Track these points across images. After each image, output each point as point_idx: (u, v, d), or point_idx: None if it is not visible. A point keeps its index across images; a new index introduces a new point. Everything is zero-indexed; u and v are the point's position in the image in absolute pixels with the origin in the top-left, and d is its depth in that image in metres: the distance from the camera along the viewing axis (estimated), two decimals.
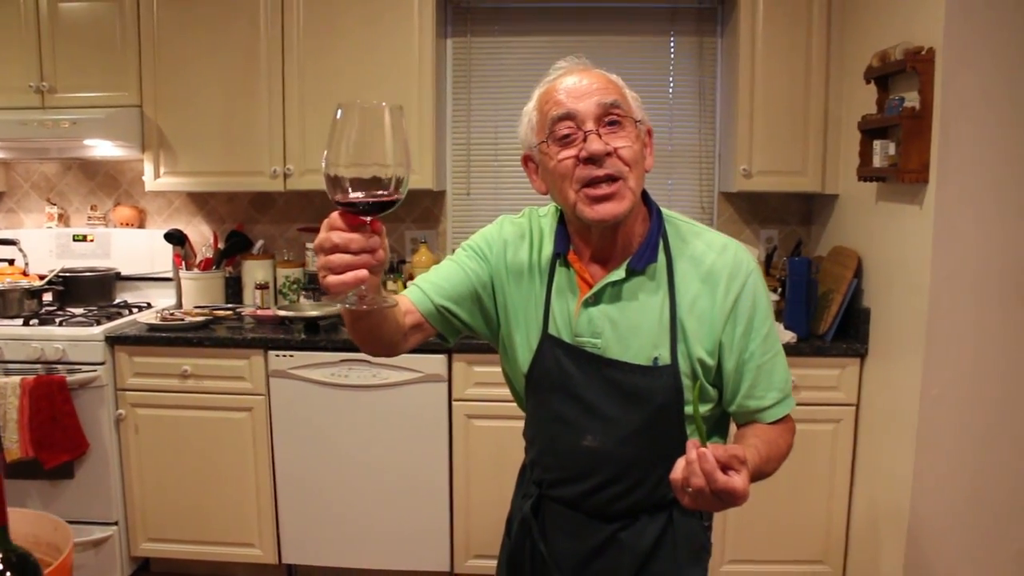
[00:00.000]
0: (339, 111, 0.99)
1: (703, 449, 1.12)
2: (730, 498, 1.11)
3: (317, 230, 1.34)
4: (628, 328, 1.38)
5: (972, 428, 2.48)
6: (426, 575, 3.21)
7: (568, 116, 1.33)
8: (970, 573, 2.54)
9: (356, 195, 1.00)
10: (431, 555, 3.15)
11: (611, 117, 1.33)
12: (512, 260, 1.49)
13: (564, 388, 1.43)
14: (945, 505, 2.53)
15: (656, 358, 1.37)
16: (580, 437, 1.43)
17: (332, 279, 1.02)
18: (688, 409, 1.37)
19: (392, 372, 3.03)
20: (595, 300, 1.40)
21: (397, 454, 3.09)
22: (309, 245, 3.59)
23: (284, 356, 3.07)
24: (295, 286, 3.58)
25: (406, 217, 3.70)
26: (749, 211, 3.61)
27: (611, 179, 1.32)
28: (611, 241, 1.40)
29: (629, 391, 1.38)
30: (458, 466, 3.09)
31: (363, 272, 1.02)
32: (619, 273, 1.38)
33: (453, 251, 3.66)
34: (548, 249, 1.47)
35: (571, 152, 1.33)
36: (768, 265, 3.47)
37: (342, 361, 3.05)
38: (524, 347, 1.48)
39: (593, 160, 1.31)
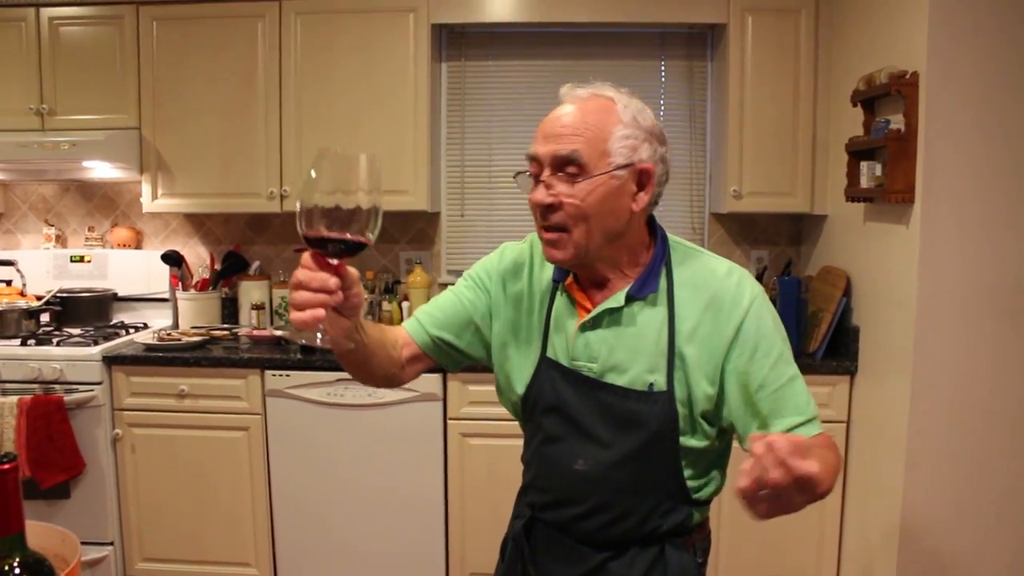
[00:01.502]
0: (319, 156, 1.06)
1: (771, 436, 0.99)
2: (811, 487, 0.99)
3: None
4: (625, 353, 1.37)
5: (961, 443, 2.52)
6: None
7: (533, 157, 1.34)
8: None
9: (322, 232, 1.06)
10: (426, 574, 3.16)
11: (569, 168, 1.30)
12: (512, 288, 1.51)
13: (559, 410, 1.43)
14: (936, 520, 2.56)
15: (652, 384, 1.35)
16: (572, 460, 1.42)
17: (293, 314, 1.09)
18: (683, 439, 1.35)
19: (387, 392, 3.06)
20: (593, 324, 1.40)
21: (392, 473, 3.11)
22: None
23: (280, 376, 3.09)
24: None
25: (401, 238, 3.74)
26: (740, 232, 3.66)
27: (558, 227, 1.32)
28: (591, 273, 1.40)
29: (623, 416, 1.37)
30: (453, 484, 3.11)
31: (320, 312, 1.08)
32: (617, 300, 1.37)
33: (447, 272, 3.71)
34: (549, 273, 1.47)
35: (532, 192, 1.35)
36: None
37: (338, 380, 3.07)
38: (522, 370, 1.48)
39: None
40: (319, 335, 1.10)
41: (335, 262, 1.09)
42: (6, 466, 0.82)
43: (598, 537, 1.43)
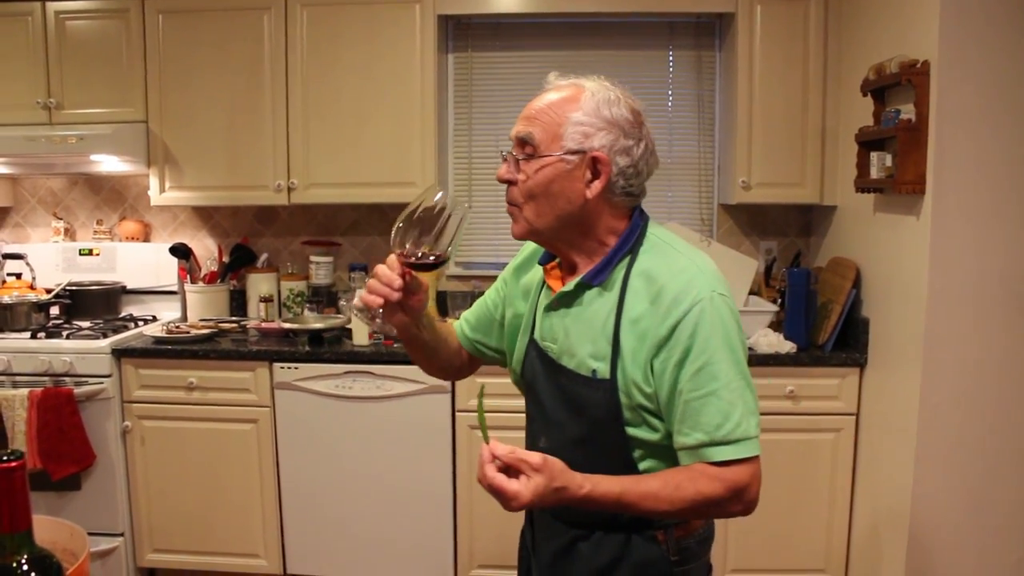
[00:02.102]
0: (429, 190, 1.37)
1: (485, 444, 1.21)
2: (500, 498, 1.19)
3: (321, 243, 1.53)
4: (576, 337, 1.41)
5: (972, 436, 2.51)
6: None
7: (510, 137, 1.44)
8: None
9: (404, 248, 1.35)
10: (435, 565, 3.17)
11: (527, 148, 1.38)
12: (523, 279, 1.60)
13: (532, 388, 1.52)
14: (946, 513, 2.55)
15: (595, 371, 1.37)
16: (538, 439, 1.50)
17: (364, 295, 1.36)
18: (629, 430, 1.37)
19: (396, 384, 3.06)
20: (555, 307, 1.46)
21: (401, 465, 3.11)
22: (313, 258, 3.62)
23: (289, 368, 3.10)
24: (299, 299, 3.61)
25: None
26: (749, 223, 3.65)
27: (512, 202, 1.43)
28: (563, 257, 1.47)
29: (572, 399, 1.41)
30: (462, 477, 3.11)
31: (378, 299, 1.34)
32: (569, 286, 1.43)
33: (455, 263, 3.71)
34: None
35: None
36: (768, 276, 3.50)
37: (346, 373, 3.08)
38: (520, 350, 1.57)
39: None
40: (377, 320, 1.37)
41: (407, 270, 1.35)
42: (12, 464, 0.82)
43: (566, 515, 1.48)
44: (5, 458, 0.83)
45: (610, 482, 1.26)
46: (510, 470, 1.20)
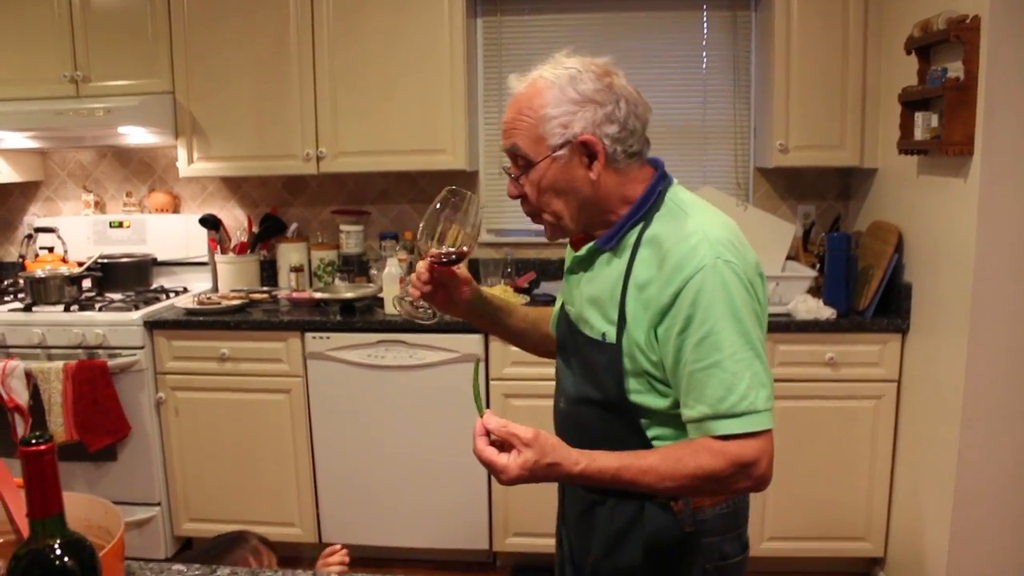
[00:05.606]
0: (446, 195, 1.47)
1: (479, 417, 1.25)
2: (490, 469, 1.21)
3: (350, 212, 2.43)
4: (590, 301, 1.43)
5: (1019, 402, 2.44)
6: (465, 553, 3.24)
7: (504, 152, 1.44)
8: (1017, 549, 2.51)
9: (429, 249, 1.47)
10: (470, 533, 3.17)
11: (520, 161, 1.38)
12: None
13: (560, 351, 1.56)
14: (992, 480, 2.49)
15: (604, 334, 1.38)
16: (559, 399, 1.54)
17: (410, 287, 1.53)
18: (634, 396, 1.35)
19: (429, 352, 3.04)
20: (574, 271, 1.51)
21: (435, 433, 3.10)
22: (343, 227, 3.60)
23: (321, 338, 3.09)
24: (330, 268, 3.59)
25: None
26: (786, 187, 3.56)
27: (533, 214, 1.44)
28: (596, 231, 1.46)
29: (585, 362, 1.43)
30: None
31: (416, 292, 1.51)
32: (583, 251, 1.45)
33: (487, 231, 3.64)
34: None
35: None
36: (806, 241, 3.42)
37: (379, 342, 3.06)
38: (555, 314, 1.65)
39: None
40: (417, 307, 1.55)
41: (432, 267, 1.49)
42: (42, 447, 0.80)
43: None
44: (34, 441, 0.80)
45: (608, 458, 1.23)
46: (504, 444, 1.21)
